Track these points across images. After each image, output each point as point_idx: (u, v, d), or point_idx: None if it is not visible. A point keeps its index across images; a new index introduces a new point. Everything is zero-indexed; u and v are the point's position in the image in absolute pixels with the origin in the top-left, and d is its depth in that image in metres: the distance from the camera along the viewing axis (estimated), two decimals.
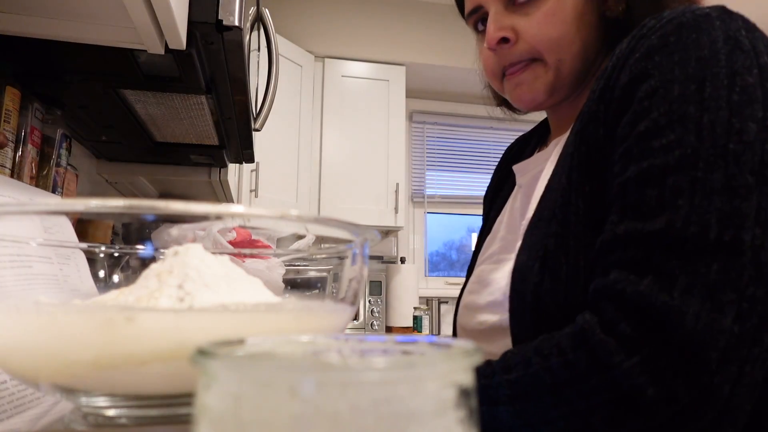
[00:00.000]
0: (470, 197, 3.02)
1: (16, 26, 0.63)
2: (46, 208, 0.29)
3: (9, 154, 0.79)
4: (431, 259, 3.03)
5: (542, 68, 0.60)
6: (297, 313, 0.30)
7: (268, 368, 0.15)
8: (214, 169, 1.47)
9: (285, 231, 0.62)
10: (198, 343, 0.25)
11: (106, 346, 0.24)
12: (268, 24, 1.22)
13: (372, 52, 2.76)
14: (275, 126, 2.34)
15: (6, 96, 0.77)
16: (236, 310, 0.27)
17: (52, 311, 0.26)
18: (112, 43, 0.66)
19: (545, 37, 0.58)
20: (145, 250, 0.36)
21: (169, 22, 0.59)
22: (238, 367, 0.16)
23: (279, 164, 2.45)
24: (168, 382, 0.26)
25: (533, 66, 0.60)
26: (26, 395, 0.38)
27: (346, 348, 0.20)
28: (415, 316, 2.57)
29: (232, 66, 0.82)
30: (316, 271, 0.43)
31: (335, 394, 0.14)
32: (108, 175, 1.38)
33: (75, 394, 0.27)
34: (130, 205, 0.24)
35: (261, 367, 0.15)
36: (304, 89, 2.61)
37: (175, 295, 0.27)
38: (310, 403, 0.14)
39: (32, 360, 0.26)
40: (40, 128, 0.87)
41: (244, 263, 0.46)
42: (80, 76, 0.83)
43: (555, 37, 0.58)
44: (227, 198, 1.72)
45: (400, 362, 0.16)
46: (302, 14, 2.76)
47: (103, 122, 1.07)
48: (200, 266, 0.29)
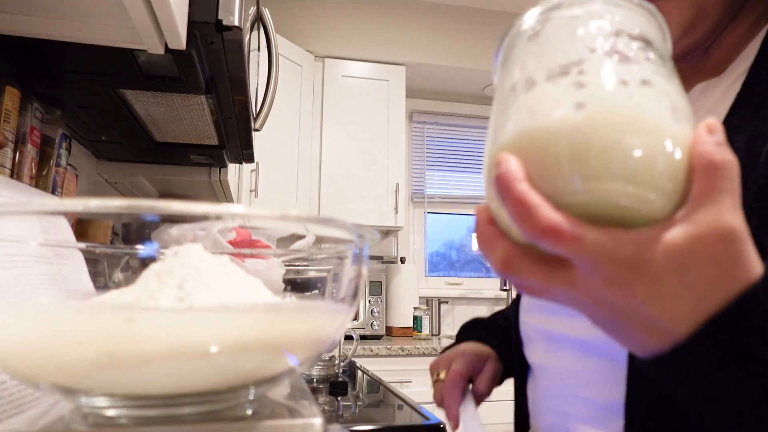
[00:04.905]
0: (470, 197, 3.02)
1: (16, 26, 0.63)
2: (45, 209, 0.29)
3: (9, 154, 0.79)
4: (431, 259, 3.03)
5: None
6: (297, 313, 0.30)
7: None
8: (214, 169, 1.47)
9: (285, 231, 0.62)
10: (198, 343, 0.25)
11: (106, 346, 0.24)
12: (268, 24, 1.22)
13: (372, 52, 2.76)
14: (275, 126, 2.34)
15: (6, 96, 0.77)
16: (236, 310, 0.27)
17: (52, 311, 0.26)
18: (112, 43, 0.66)
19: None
20: (145, 250, 0.36)
21: (169, 22, 0.59)
22: None
23: (279, 164, 2.45)
24: (168, 382, 0.26)
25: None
26: (26, 395, 0.38)
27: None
28: (415, 316, 2.57)
29: (232, 66, 0.82)
30: (316, 271, 0.43)
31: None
32: (108, 175, 1.38)
33: (75, 394, 0.27)
34: (130, 205, 0.24)
35: None
36: (304, 89, 2.61)
37: (175, 295, 0.27)
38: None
39: (32, 360, 0.26)
40: (40, 128, 0.87)
41: (244, 263, 0.46)
42: (80, 76, 0.83)
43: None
44: (227, 198, 1.72)
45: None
46: (302, 14, 2.76)
47: (103, 122, 1.07)
48: (200, 266, 0.29)
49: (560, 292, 0.29)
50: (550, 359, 0.53)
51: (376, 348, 2.15)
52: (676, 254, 0.26)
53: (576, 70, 0.27)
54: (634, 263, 0.26)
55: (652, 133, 0.25)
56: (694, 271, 0.26)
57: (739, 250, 0.26)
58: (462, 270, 3.10)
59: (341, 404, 1.06)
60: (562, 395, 0.50)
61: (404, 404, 1.08)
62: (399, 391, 1.21)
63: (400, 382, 2.13)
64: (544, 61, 0.28)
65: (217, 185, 1.55)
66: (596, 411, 0.46)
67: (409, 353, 2.19)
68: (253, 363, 0.28)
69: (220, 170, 1.47)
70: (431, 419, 0.93)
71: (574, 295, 0.28)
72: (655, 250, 0.26)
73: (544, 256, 0.28)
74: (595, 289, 0.27)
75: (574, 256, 0.26)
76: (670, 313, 0.27)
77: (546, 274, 0.28)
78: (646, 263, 0.26)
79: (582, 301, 0.29)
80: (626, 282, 0.26)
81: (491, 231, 0.29)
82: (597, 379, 0.46)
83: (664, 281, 0.26)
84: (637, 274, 0.26)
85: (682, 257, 0.26)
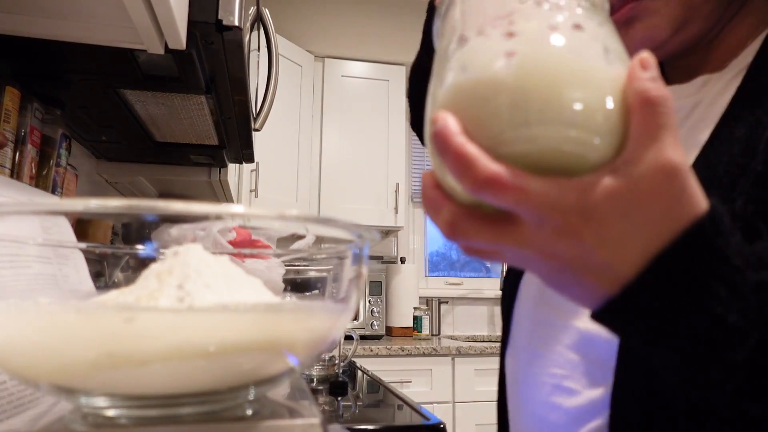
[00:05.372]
0: None
1: (16, 26, 0.63)
2: (45, 208, 0.29)
3: (9, 154, 0.79)
4: (431, 259, 3.02)
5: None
6: (297, 313, 0.30)
7: None
8: (214, 169, 1.47)
9: (285, 231, 0.62)
10: (198, 343, 0.25)
11: (106, 346, 0.24)
12: (268, 24, 1.22)
13: (372, 52, 2.76)
14: (275, 126, 2.34)
15: (6, 96, 0.77)
16: (236, 310, 0.27)
17: (52, 311, 0.26)
18: (112, 43, 0.66)
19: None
20: (145, 250, 0.36)
21: (169, 22, 0.59)
22: None
23: (279, 164, 2.45)
24: (168, 382, 0.26)
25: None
26: (26, 395, 0.38)
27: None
28: (415, 316, 2.57)
29: (232, 66, 0.82)
30: (316, 271, 0.43)
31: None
32: (108, 175, 1.38)
33: (75, 394, 0.27)
34: (130, 205, 0.24)
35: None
36: (304, 89, 2.61)
37: (175, 295, 0.27)
38: None
39: (32, 360, 0.26)
40: (40, 128, 0.87)
41: (244, 263, 0.46)
42: (80, 76, 0.83)
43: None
44: (227, 198, 1.72)
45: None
46: (302, 14, 2.76)
47: (103, 122, 1.07)
48: (200, 266, 0.29)
49: (508, 250, 0.28)
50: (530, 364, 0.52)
51: (376, 348, 2.15)
52: (621, 196, 0.25)
53: (506, 21, 0.27)
54: (581, 210, 0.25)
55: (585, 75, 0.25)
56: (641, 211, 0.26)
57: (683, 185, 0.26)
58: (462, 270, 3.10)
59: (341, 404, 1.06)
60: (540, 401, 0.49)
61: (404, 404, 1.08)
62: (399, 391, 1.21)
63: (400, 382, 2.13)
64: (476, 18, 0.28)
65: (217, 185, 1.55)
66: (573, 415, 0.45)
67: (409, 353, 2.19)
68: (253, 363, 0.28)
69: (220, 170, 1.47)
70: (431, 419, 0.93)
71: (522, 252, 0.28)
72: (599, 194, 0.25)
73: (491, 216, 0.27)
74: (544, 242, 0.27)
75: (518, 207, 0.26)
76: (620, 256, 0.26)
77: (493, 232, 0.27)
78: (593, 208, 0.25)
79: (531, 258, 0.28)
80: (574, 230, 0.26)
81: (436, 194, 0.29)
82: (578, 379, 0.46)
83: (612, 225, 0.26)
84: (585, 221, 0.26)
85: (626, 199, 0.25)
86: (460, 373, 2.23)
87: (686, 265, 0.26)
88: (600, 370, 0.43)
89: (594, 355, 0.44)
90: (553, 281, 0.30)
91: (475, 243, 0.28)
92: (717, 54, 0.48)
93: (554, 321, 0.49)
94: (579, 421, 0.44)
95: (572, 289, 0.29)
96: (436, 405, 2.16)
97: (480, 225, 0.27)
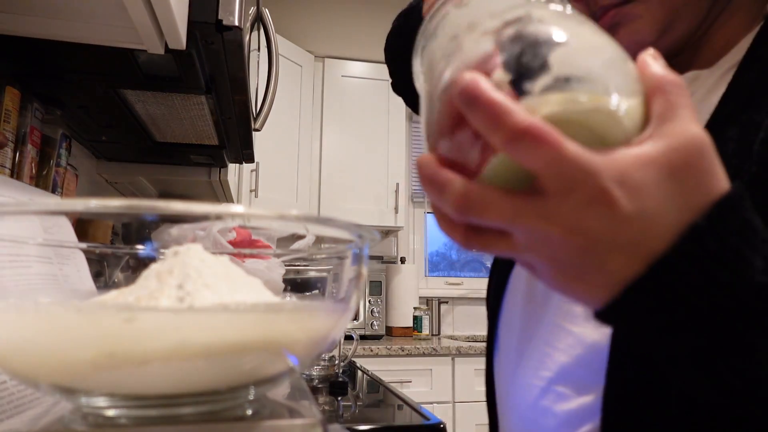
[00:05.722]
0: None
1: (16, 26, 0.63)
2: (45, 208, 0.29)
3: (9, 154, 0.79)
4: (431, 259, 3.03)
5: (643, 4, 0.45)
6: (297, 313, 0.30)
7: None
8: (214, 169, 1.47)
9: (285, 231, 0.62)
10: (198, 343, 0.25)
11: (106, 346, 0.24)
12: (268, 24, 1.22)
13: (372, 52, 2.76)
14: (275, 126, 2.34)
15: (6, 96, 0.77)
16: (236, 310, 0.27)
17: (52, 311, 0.26)
18: (112, 43, 0.66)
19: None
20: (145, 250, 0.36)
21: (169, 22, 0.59)
22: None
23: (279, 164, 2.45)
24: (168, 382, 0.26)
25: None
26: (26, 395, 0.38)
27: None
28: (415, 316, 2.57)
29: (232, 66, 0.82)
30: (316, 271, 0.43)
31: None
32: (108, 175, 1.38)
33: (75, 394, 0.27)
34: (130, 205, 0.24)
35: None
36: (304, 89, 2.61)
37: (175, 295, 0.27)
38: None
39: (32, 360, 0.26)
40: (40, 128, 0.87)
41: (244, 263, 0.46)
42: (80, 76, 0.83)
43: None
44: (227, 198, 1.72)
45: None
46: (302, 14, 2.76)
47: (103, 122, 1.07)
48: (200, 266, 0.29)
49: (526, 230, 0.26)
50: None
51: (376, 348, 2.15)
52: (655, 165, 0.25)
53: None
54: (615, 177, 0.24)
55: (613, 53, 0.26)
56: (674, 181, 0.25)
57: (713, 159, 0.26)
58: (462, 270, 3.10)
59: (341, 404, 1.06)
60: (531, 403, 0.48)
61: (404, 404, 1.08)
62: (399, 391, 1.21)
63: (400, 382, 2.13)
64: (477, 16, 0.28)
65: (217, 185, 1.55)
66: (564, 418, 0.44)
67: (409, 353, 2.19)
68: (253, 363, 0.28)
69: (220, 170, 1.47)
70: (431, 419, 0.93)
71: (544, 228, 0.25)
72: (634, 161, 0.25)
73: (509, 188, 0.25)
74: (572, 213, 0.25)
75: (549, 168, 0.24)
76: (652, 229, 0.25)
77: (513, 203, 0.25)
78: (627, 175, 0.24)
79: (552, 237, 0.25)
80: (607, 198, 0.24)
81: (442, 170, 0.26)
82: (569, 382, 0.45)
83: (646, 194, 0.25)
84: (619, 187, 0.24)
85: (660, 169, 0.25)
86: (460, 373, 2.23)
87: (721, 236, 0.25)
88: (591, 374, 0.42)
89: (585, 358, 0.44)
90: (568, 270, 0.27)
91: (490, 220, 0.26)
92: (706, 52, 0.48)
93: (544, 321, 0.48)
94: (570, 426, 0.43)
95: (591, 277, 0.27)
96: (436, 405, 2.16)
97: (498, 196, 0.25)
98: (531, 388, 0.47)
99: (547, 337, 0.47)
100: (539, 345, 0.48)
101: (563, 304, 0.47)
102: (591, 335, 0.43)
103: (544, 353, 0.47)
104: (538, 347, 0.48)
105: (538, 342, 0.48)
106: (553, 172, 0.24)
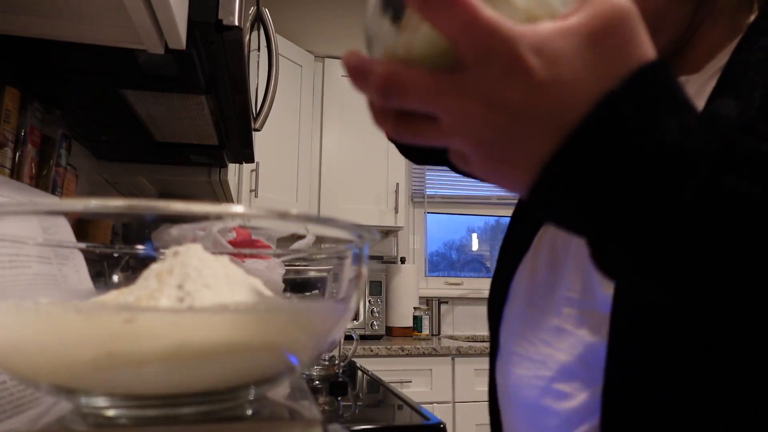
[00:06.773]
0: (470, 197, 3.02)
1: (16, 26, 0.63)
2: (45, 208, 0.29)
3: (9, 154, 0.79)
4: (431, 259, 3.03)
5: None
6: (297, 313, 0.30)
7: None
8: (214, 169, 1.47)
9: (285, 231, 0.62)
10: (198, 343, 0.25)
11: (106, 346, 0.24)
12: (268, 24, 1.22)
13: None
14: (275, 126, 2.34)
15: (6, 96, 0.77)
16: (236, 310, 0.27)
17: (52, 311, 0.26)
18: (112, 43, 0.66)
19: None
20: (145, 250, 0.36)
21: (169, 22, 0.59)
22: None
23: (279, 164, 2.45)
24: (168, 382, 0.26)
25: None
26: (26, 395, 0.38)
27: None
28: (415, 316, 2.57)
29: (232, 66, 0.82)
30: (316, 271, 0.43)
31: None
32: (108, 175, 1.38)
33: (75, 394, 0.27)
34: (130, 205, 0.24)
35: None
36: (304, 89, 2.61)
37: (175, 295, 0.27)
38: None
39: (32, 360, 0.26)
40: (40, 128, 0.87)
41: (244, 263, 0.46)
42: (80, 76, 0.83)
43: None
44: (227, 198, 1.72)
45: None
46: (302, 14, 2.75)
47: (103, 122, 1.07)
48: (200, 266, 0.29)
49: (449, 109, 0.26)
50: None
51: (376, 348, 2.15)
52: (573, 32, 0.24)
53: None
54: (532, 44, 0.24)
55: None
56: (594, 49, 0.25)
57: (637, 27, 0.25)
58: (462, 270, 3.10)
59: (341, 404, 1.06)
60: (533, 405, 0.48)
61: (404, 404, 1.08)
62: (399, 391, 1.21)
63: (400, 382, 2.13)
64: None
65: (217, 185, 1.55)
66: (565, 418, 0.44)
67: (409, 353, 2.19)
68: (253, 363, 0.28)
69: (220, 170, 1.47)
70: (431, 419, 0.93)
71: (465, 105, 0.25)
72: (552, 30, 0.24)
73: (429, 68, 0.25)
74: (490, 86, 0.24)
75: (464, 35, 0.24)
76: (570, 97, 0.24)
77: (433, 80, 0.25)
78: (544, 43, 0.24)
79: (474, 114, 0.25)
80: (524, 66, 0.24)
81: (364, 59, 0.26)
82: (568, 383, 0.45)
83: (564, 61, 0.24)
84: (535, 55, 0.24)
85: (580, 35, 0.24)
86: (460, 373, 2.23)
87: (637, 102, 0.25)
88: (590, 372, 0.43)
89: (583, 357, 0.44)
90: (494, 152, 0.27)
91: (412, 100, 0.26)
92: (692, 57, 0.49)
93: (544, 325, 0.49)
94: (571, 424, 0.43)
95: (514, 156, 0.26)
96: (436, 405, 2.16)
97: (418, 75, 0.25)
98: (532, 388, 0.48)
99: (548, 338, 0.48)
100: (540, 346, 0.48)
101: (564, 309, 0.47)
102: (591, 336, 0.44)
103: (544, 353, 0.47)
104: (538, 348, 0.48)
105: (539, 343, 0.49)
106: (469, 39, 0.24)
